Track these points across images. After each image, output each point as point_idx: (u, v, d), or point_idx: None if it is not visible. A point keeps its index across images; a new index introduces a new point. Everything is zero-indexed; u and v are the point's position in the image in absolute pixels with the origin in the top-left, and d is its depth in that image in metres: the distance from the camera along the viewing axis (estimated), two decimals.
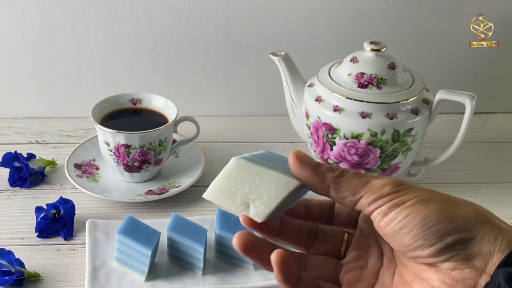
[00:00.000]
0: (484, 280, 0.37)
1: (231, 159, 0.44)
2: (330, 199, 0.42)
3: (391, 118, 0.79)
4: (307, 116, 0.86)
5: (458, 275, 0.37)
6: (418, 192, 0.39)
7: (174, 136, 0.89)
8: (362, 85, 0.81)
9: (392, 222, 0.38)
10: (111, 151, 0.83)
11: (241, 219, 0.43)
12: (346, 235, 0.46)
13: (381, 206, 0.39)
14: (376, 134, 0.79)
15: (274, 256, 0.40)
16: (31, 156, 0.89)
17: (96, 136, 0.86)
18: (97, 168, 0.89)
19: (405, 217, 0.38)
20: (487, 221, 0.38)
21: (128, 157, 0.82)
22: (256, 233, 0.44)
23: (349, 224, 0.47)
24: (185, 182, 0.86)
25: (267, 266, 0.42)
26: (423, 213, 0.37)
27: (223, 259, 0.73)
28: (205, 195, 0.43)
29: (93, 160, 0.90)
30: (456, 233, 0.37)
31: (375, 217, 0.39)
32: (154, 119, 0.87)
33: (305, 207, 0.47)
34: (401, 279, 0.42)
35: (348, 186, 0.40)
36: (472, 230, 0.37)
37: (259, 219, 0.41)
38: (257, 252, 0.42)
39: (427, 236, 0.37)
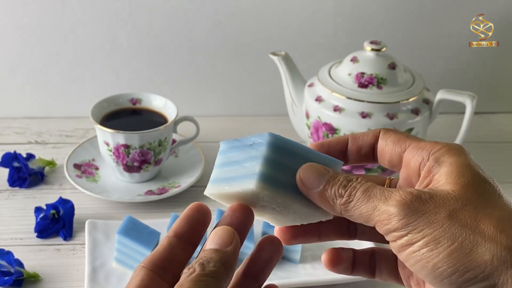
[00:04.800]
0: None
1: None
2: None
3: (391, 118, 0.79)
4: (307, 116, 0.85)
5: None
6: (427, 227, 0.34)
7: (174, 136, 0.89)
8: (362, 85, 0.81)
9: (406, 262, 0.35)
10: (110, 151, 0.82)
11: (276, 230, 0.41)
12: None
13: (392, 241, 0.36)
14: None
15: (324, 261, 0.42)
16: (30, 156, 0.89)
17: (96, 136, 0.86)
18: (97, 168, 0.89)
19: (416, 263, 0.34)
20: (507, 261, 0.33)
21: (128, 157, 0.82)
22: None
23: None
24: (185, 182, 0.85)
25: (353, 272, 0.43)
26: (433, 261, 0.33)
27: None
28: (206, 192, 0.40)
29: (93, 160, 0.90)
30: (472, 284, 0.33)
31: (391, 248, 0.37)
32: (154, 119, 0.87)
33: None
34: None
35: (359, 216, 0.36)
36: (491, 277, 0.33)
37: (276, 225, 0.40)
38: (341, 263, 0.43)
39: (442, 286, 0.34)
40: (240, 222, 0.37)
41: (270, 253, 0.39)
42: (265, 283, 0.38)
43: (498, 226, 0.33)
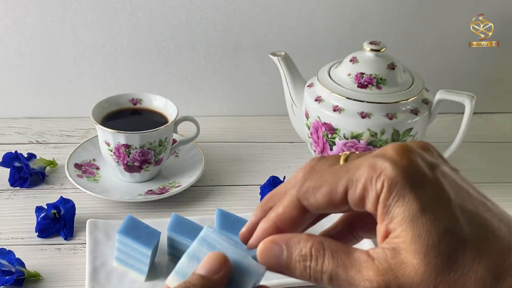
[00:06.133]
0: None
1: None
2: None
3: (390, 118, 0.79)
4: (307, 116, 0.86)
5: None
6: None
7: (174, 136, 0.89)
8: (362, 85, 0.81)
9: None
10: (111, 151, 0.83)
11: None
12: None
13: None
14: (376, 134, 0.80)
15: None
16: (31, 156, 0.89)
17: (97, 136, 0.86)
18: (97, 168, 0.89)
19: None
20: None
21: (128, 157, 0.82)
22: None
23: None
24: (185, 182, 0.86)
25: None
26: None
27: None
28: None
29: (94, 160, 0.90)
30: None
31: None
32: (154, 119, 0.87)
33: None
34: None
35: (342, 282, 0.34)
36: None
37: None
38: None
39: None
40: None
41: None
42: (260, 283, 0.38)
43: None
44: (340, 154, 0.38)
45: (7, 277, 0.68)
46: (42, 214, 0.77)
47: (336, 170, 0.35)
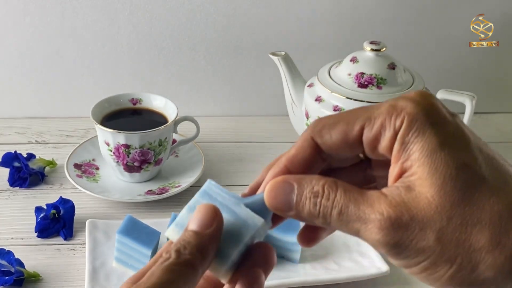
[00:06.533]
0: None
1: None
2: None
3: None
4: (307, 116, 0.85)
5: None
6: (419, 256, 0.31)
7: (174, 136, 0.89)
8: (362, 85, 0.81)
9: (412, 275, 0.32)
10: (111, 151, 0.83)
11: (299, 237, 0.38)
12: None
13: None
14: None
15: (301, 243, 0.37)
16: (31, 156, 0.89)
17: (96, 136, 0.86)
18: (97, 168, 0.89)
19: (420, 280, 0.32)
20: (510, 271, 0.30)
21: (128, 157, 0.82)
22: None
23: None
24: (185, 182, 0.85)
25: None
26: (436, 284, 0.32)
27: None
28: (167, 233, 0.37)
29: (93, 160, 0.90)
30: None
31: None
32: (154, 119, 0.87)
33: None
34: None
35: (346, 233, 0.33)
36: None
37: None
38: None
39: None
40: None
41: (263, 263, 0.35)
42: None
43: (491, 236, 0.30)
44: None
45: (6, 278, 0.68)
46: (42, 214, 0.77)
47: (355, 109, 0.35)
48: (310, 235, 0.38)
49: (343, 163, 0.38)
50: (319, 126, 0.36)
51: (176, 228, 0.36)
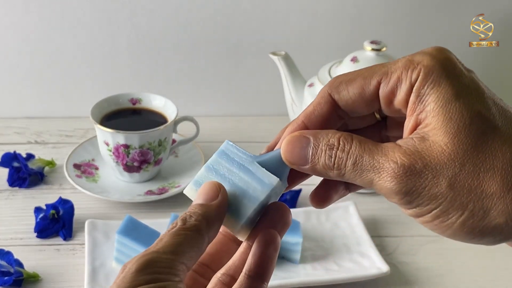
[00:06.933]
0: None
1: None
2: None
3: None
4: None
5: None
6: (431, 202, 0.32)
7: (174, 136, 0.89)
8: None
9: (424, 226, 0.34)
10: (110, 151, 0.82)
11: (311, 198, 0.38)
12: None
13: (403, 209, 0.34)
14: None
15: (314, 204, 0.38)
16: (30, 156, 0.89)
17: (96, 136, 0.86)
18: (97, 168, 0.89)
19: (432, 230, 0.33)
20: None
21: (128, 157, 0.82)
22: None
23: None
24: (185, 182, 0.85)
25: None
26: (448, 231, 0.33)
27: None
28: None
29: (93, 160, 0.90)
30: (494, 242, 0.33)
31: None
32: (154, 119, 0.87)
33: None
34: None
35: (360, 184, 0.34)
36: (509, 236, 0.32)
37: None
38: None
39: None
40: None
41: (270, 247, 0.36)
42: None
43: (503, 182, 0.31)
44: None
45: (5, 278, 0.68)
46: (41, 215, 0.77)
47: (372, 66, 0.36)
48: (323, 195, 0.38)
49: (359, 123, 0.39)
50: (337, 82, 0.36)
51: (194, 187, 0.37)
